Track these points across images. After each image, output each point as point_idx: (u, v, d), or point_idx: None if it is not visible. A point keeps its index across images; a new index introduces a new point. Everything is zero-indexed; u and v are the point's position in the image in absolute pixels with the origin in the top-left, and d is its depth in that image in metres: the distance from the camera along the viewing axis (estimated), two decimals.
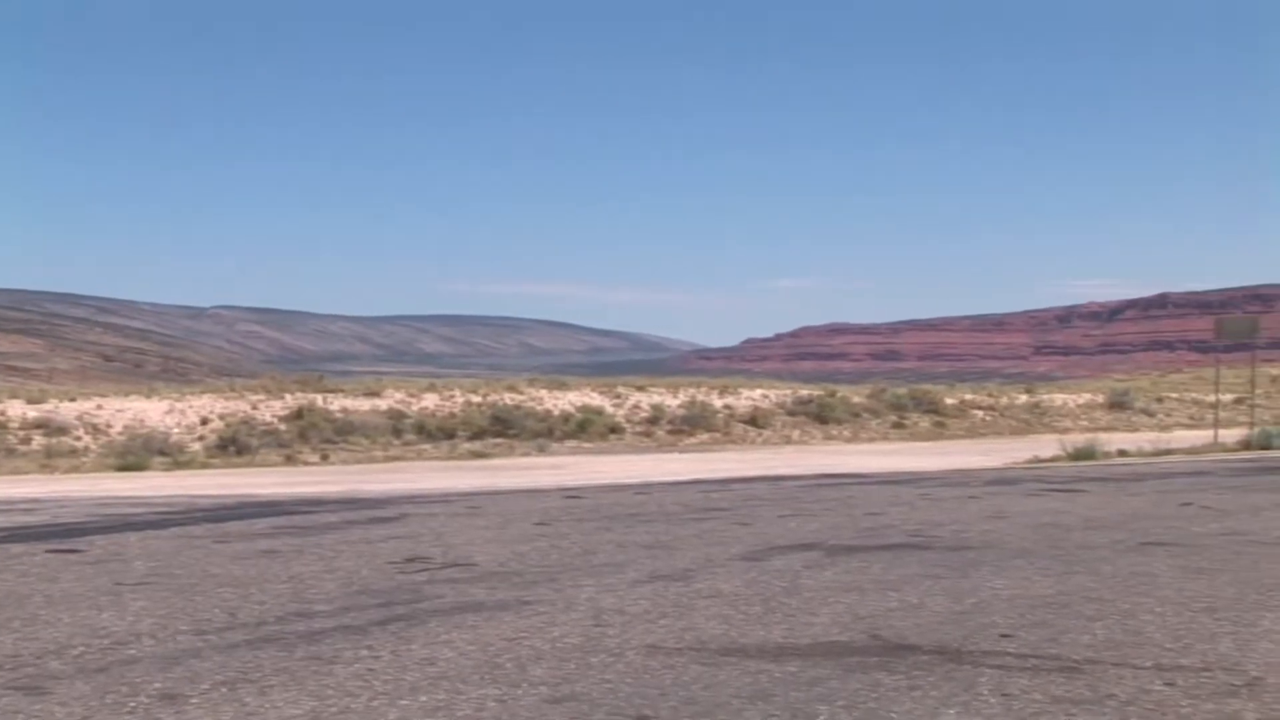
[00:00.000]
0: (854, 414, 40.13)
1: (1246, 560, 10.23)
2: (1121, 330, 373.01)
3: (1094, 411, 46.18)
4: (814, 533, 12.21)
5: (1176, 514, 14.02)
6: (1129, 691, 5.85)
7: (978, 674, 6.20)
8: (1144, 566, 9.87)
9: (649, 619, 7.69)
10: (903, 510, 14.48)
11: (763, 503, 15.53)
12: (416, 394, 36.99)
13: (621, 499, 16.37)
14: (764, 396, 41.10)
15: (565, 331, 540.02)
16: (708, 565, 10.02)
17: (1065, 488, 17.80)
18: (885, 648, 6.82)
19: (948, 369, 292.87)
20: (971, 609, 8.01)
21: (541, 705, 5.67)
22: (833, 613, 7.88)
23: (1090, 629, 7.33)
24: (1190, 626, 7.41)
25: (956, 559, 10.30)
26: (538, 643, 7.00)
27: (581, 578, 9.38)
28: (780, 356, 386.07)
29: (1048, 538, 11.74)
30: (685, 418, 36.46)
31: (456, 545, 11.41)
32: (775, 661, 6.50)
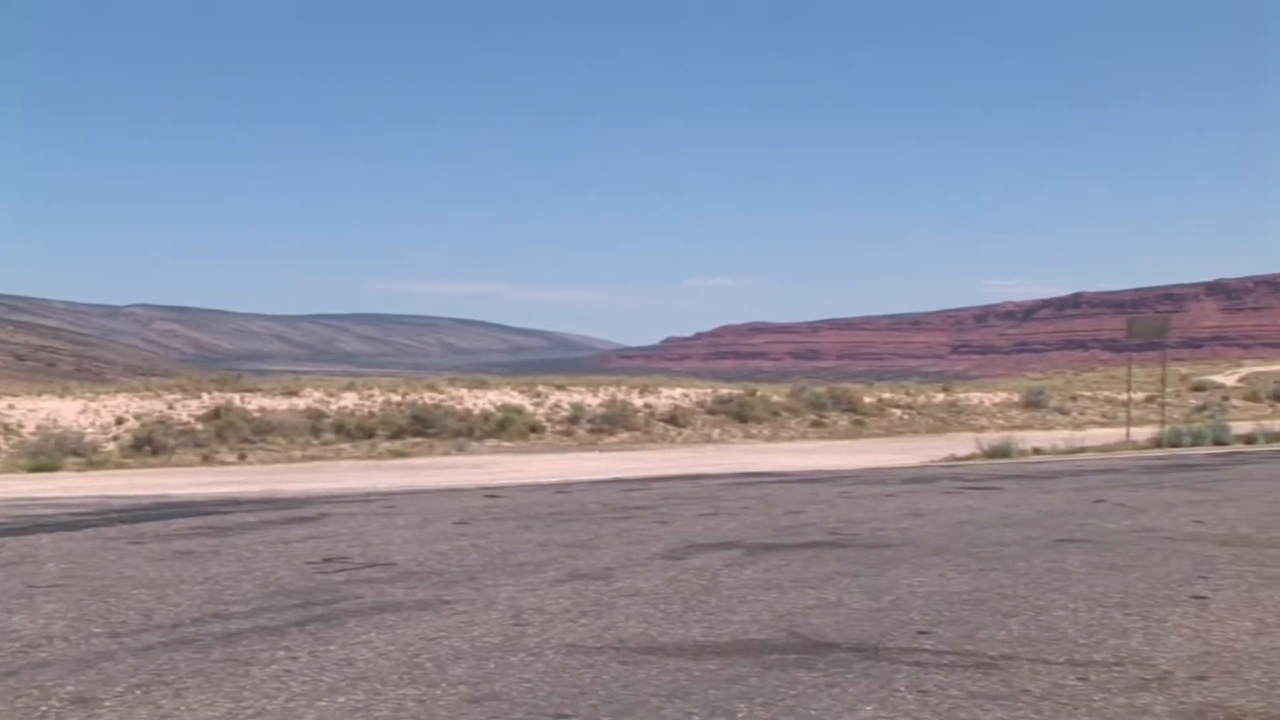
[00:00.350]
0: (774, 413, 40.30)
1: (1157, 556, 10.39)
2: (1037, 329, 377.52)
3: (1010, 410, 46.67)
4: (733, 531, 12.25)
5: (1090, 511, 14.20)
6: (1043, 686, 5.93)
7: (895, 670, 6.25)
8: (1058, 563, 9.99)
9: (569, 618, 7.68)
10: (821, 508, 14.57)
11: (683, 501, 15.56)
12: (335, 393, 36.71)
13: (542, 498, 16.35)
14: (684, 395, 41.18)
15: (485, 330, 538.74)
16: (628, 564, 10.02)
17: (981, 485, 17.98)
18: (804, 645, 6.86)
19: (866, 368, 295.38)
20: (889, 606, 8.07)
21: (461, 705, 5.65)
22: (752, 611, 7.91)
23: (1005, 625, 7.42)
24: (1102, 622, 7.51)
25: (874, 557, 10.38)
26: (457, 642, 6.97)
27: (501, 577, 9.36)
28: (700, 355, 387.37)
29: (964, 535, 11.85)
30: (605, 417, 36.46)
31: (375, 545, 11.34)
32: (694, 660, 6.52)
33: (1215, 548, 10.96)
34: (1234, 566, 9.83)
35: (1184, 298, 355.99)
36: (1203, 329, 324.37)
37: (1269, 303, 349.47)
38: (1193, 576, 9.32)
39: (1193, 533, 12.08)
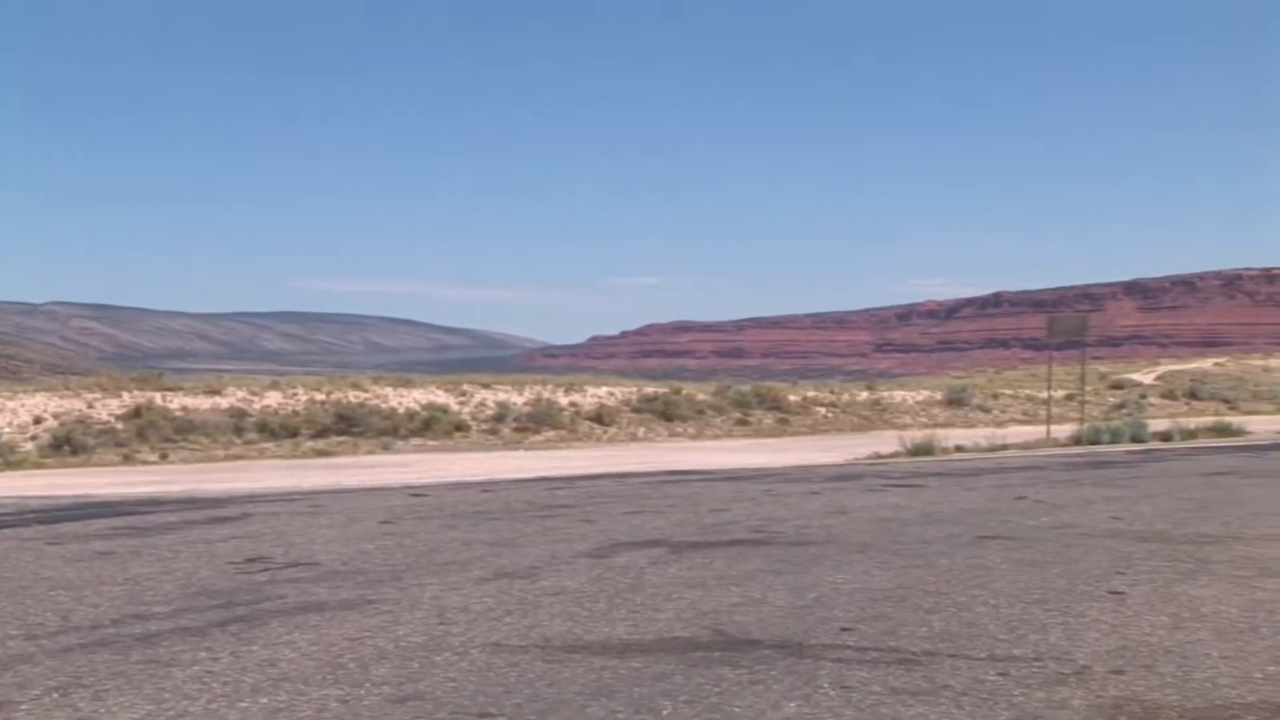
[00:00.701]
0: (699, 411, 40.36)
1: (1076, 552, 10.53)
2: (959, 328, 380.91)
3: (932, 408, 47.02)
4: (659, 529, 12.27)
5: (1011, 508, 14.35)
6: (964, 682, 5.99)
7: (818, 667, 6.29)
8: (980, 560, 10.10)
9: (493, 617, 7.68)
10: (746, 506, 14.63)
11: (608, 500, 15.57)
12: (259, 392, 36.34)
13: (467, 497, 16.30)
14: (610, 394, 41.16)
15: (410, 329, 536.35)
16: (553, 562, 10.02)
17: (905, 483, 18.12)
18: (728, 642, 6.89)
19: (791, 366, 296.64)
20: (813, 603, 8.12)
21: (385, 705, 5.63)
22: (676, 608, 7.94)
23: (928, 621, 7.49)
24: (1023, 618, 7.61)
25: (798, 554, 10.44)
26: (381, 642, 6.95)
27: (426, 576, 9.34)
28: (626, 354, 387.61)
29: (887, 532, 11.95)
30: (531, 415, 36.36)
31: (299, 544, 11.27)
32: (619, 658, 6.53)
33: (1132, 544, 11.12)
34: (1150, 562, 9.98)
35: (1102, 297, 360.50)
36: (1121, 328, 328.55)
37: (1185, 302, 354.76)
38: (1110, 572, 9.46)
39: (1111, 529, 12.25)
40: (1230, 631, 7.23)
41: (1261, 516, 13.40)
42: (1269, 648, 6.79)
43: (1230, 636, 7.08)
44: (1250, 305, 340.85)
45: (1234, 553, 10.57)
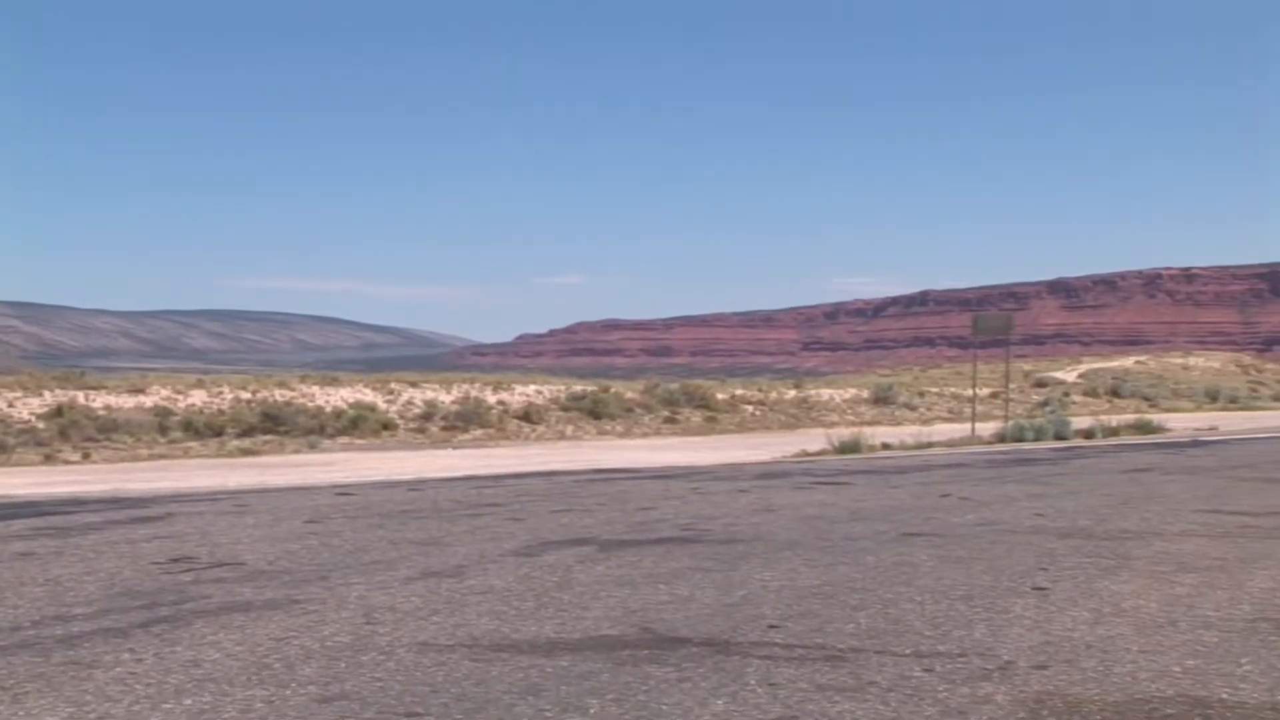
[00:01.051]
0: (627, 409, 40.40)
1: (1001, 549, 10.64)
2: (885, 327, 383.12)
3: (859, 406, 47.31)
4: (587, 528, 12.28)
5: (936, 505, 14.48)
6: (890, 678, 6.04)
7: (746, 664, 6.32)
8: (906, 557, 10.18)
9: (421, 616, 7.65)
10: (674, 504, 14.66)
11: (536, 498, 15.55)
12: (183, 390, 36.00)
13: (394, 496, 16.23)
14: (538, 392, 41.10)
15: (337, 327, 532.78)
16: (480, 561, 10.00)
17: (832, 481, 18.23)
18: (656, 640, 6.91)
19: (719, 364, 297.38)
20: (740, 601, 8.16)
21: (311, 705, 5.60)
22: (604, 607, 7.95)
23: (854, 618, 7.54)
24: (948, 614, 7.68)
25: (726, 552, 10.48)
26: (307, 642, 6.91)
27: (353, 575, 9.29)
28: (554, 352, 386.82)
29: (815, 530, 12.02)
30: (459, 414, 36.24)
31: (224, 544, 11.18)
32: (547, 656, 6.53)
33: (1055, 540, 11.26)
34: (1073, 558, 10.10)
35: (1027, 296, 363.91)
36: (1045, 326, 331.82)
37: (1106, 301, 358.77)
38: (1034, 569, 9.57)
39: (1034, 526, 12.39)
40: (1150, 626, 7.33)
41: (1180, 513, 13.60)
42: (1187, 642, 6.89)
43: (1150, 631, 7.18)
44: (1170, 304, 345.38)
45: (1154, 548, 10.73)
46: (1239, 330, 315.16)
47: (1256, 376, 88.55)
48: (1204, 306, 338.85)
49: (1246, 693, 5.80)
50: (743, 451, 28.09)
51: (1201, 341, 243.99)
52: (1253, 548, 10.82)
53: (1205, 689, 5.86)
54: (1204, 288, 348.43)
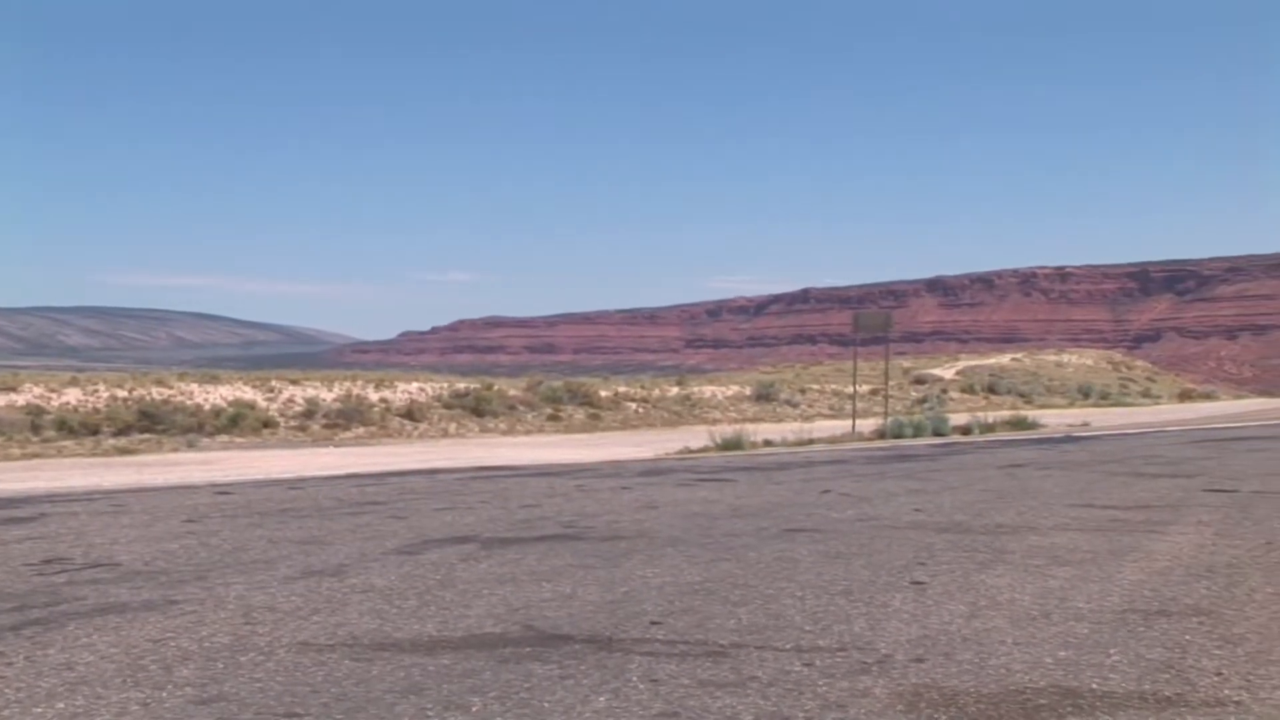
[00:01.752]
0: (510, 407, 40.29)
1: (880, 544, 10.78)
2: (767, 324, 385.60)
3: (742, 403, 47.62)
4: (470, 525, 12.24)
5: (817, 501, 14.63)
6: (770, 673, 6.10)
7: (628, 661, 6.35)
8: (787, 552, 10.28)
9: (301, 616, 7.58)
10: (558, 502, 14.66)
11: (419, 496, 15.46)
12: (57, 389, 35.26)
13: (274, 494, 16.04)
14: (420, 390, 40.85)
15: (216, 324, 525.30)
16: (362, 560, 9.93)
17: (714, 477, 18.34)
18: (538, 638, 6.91)
19: (603, 362, 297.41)
20: (623, 598, 8.19)
21: (188, 707, 5.53)
22: (487, 605, 7.93)
23: (735, 614, 7.60)
24: (828, 609, 7.77)
25: (609, 549, 10.50)
26: (185, 643, 6.82)
27: (232, 575, 9.18)
28: (437, 350, 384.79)
29: (697, 526, 12.08)
30: (341, 411, 35.91)
31: (99, 545, 10.98)
32: (429, 655, 6.51)
33: (933, 535, 11.43)
34: (950, 553, 10.27)
35: (906, 294, 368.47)
36: (923, 324, 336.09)
37: (983, 299, 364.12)
38: (912, 563, 9.71)
39: (913, 521, 12.56)
40: (1024, 618, 7.47)
41: (1054, 507, 13.87)
42: (1060, 633, 7.04)
43: (1024, 623, 7.32)
44: (1044, 302, 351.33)
45: (1028, 542, 10.93)
46: (1111, 328, 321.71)
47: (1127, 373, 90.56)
48: (1077, 305, 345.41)
49: (1115, 683, 5.94)
50: (626, 449, 28.15)
51: (1075, 339, 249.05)
52: (1122, 540, 11.07)
53: (1076, 680, 5.99)
54: (1077, 286, 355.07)
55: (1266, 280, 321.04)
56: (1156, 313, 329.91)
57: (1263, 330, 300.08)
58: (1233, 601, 8.11)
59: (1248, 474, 18.86)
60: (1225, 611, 7.75)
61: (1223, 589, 8.58)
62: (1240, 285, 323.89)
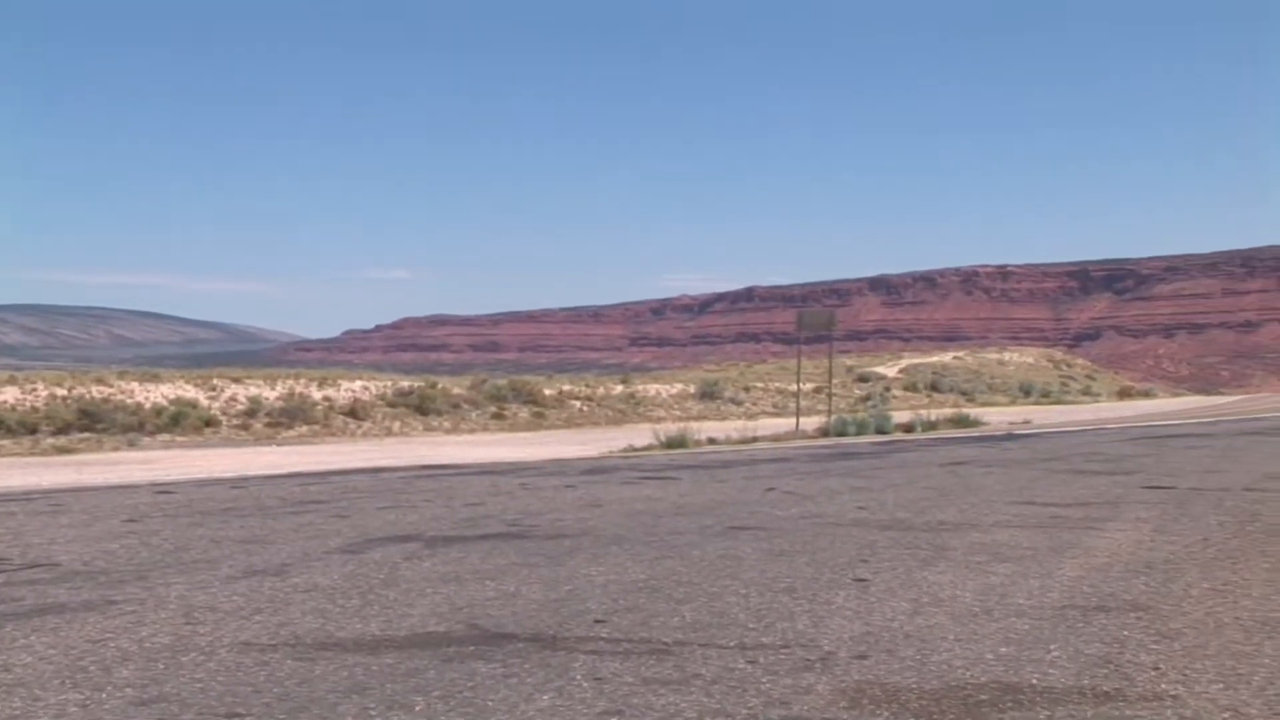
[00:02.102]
0: (454, 405, 40.22)
1: (824, 542, 10.82)
2: (712, 323, 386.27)
3: (686, 401, 47.74)
4: (413, 524, 12.20)
5: (761, 499, 14.68)
6: (714, 670, 6.11)
7: (572, 659, 6.35)
8: (731, 550, 10.31)
9: (243, 615, 7.54)
10: (502, 500, 14.64)
11: (362, 495, 15.40)
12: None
13: (216, 493, 15.94)
14: (364, 388, 40.71)
15: (157, 322, 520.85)
16: (305, 559, 9.88)
17: (658, 475, 18.36)
18: (482, 637, 6.90)
19: (547, 360, 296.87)
20: (567, 596, 8.18)
21: (128, 708, 5.48)
22: (431, 603, 7.91)
23: (679, 612, 7.61)
24: (771, 606, 7.79)
25: (553, 547, 10.50)
26: (125, 643, 6.76)
27: (173, 575, 9.11)
28: (381, 348, 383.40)
29: (641, 525, 12.10)
30: (284, 410, 35.76)
31: (37, 545, 10.87)
32: (372, 654, 6.48)
33: (876, 532, 11.49)
34: (893, 550, 10.32)
35: (849, 293, 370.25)
36: (867, 323, 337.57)
37: (926, 298, 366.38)
38: (855, 560, 9.75)
39: (856, 518, 12.63)
40: (965, 615, 7.53)
41: (995, 504, 13.98)
42: (1000, 630, 7.09)
43: (965, 620, 7.38)
44: (986, 301, 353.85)
45: (970, 539, 11.01)
46: (1051, 326, 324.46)
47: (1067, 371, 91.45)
48: (1018, 303, 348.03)
49: (1055, 678, 5.99)
50: (570, 447, 28.15)
51: (1016, 337, 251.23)
52: (1062, 537, 11.17)
53: (1016, 675, 6.04)
54: (1018, 285, 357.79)
55: (1203, 280, 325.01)
56: (1096, 311, 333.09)
57: (1199, 329, 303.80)
58: (1170, 597, 8.20)
59: (1185, 471, 19.07)
60: (1162, 607, 7.84)
61: (1160, 585, 8.68)
62: (1177, 284, 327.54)
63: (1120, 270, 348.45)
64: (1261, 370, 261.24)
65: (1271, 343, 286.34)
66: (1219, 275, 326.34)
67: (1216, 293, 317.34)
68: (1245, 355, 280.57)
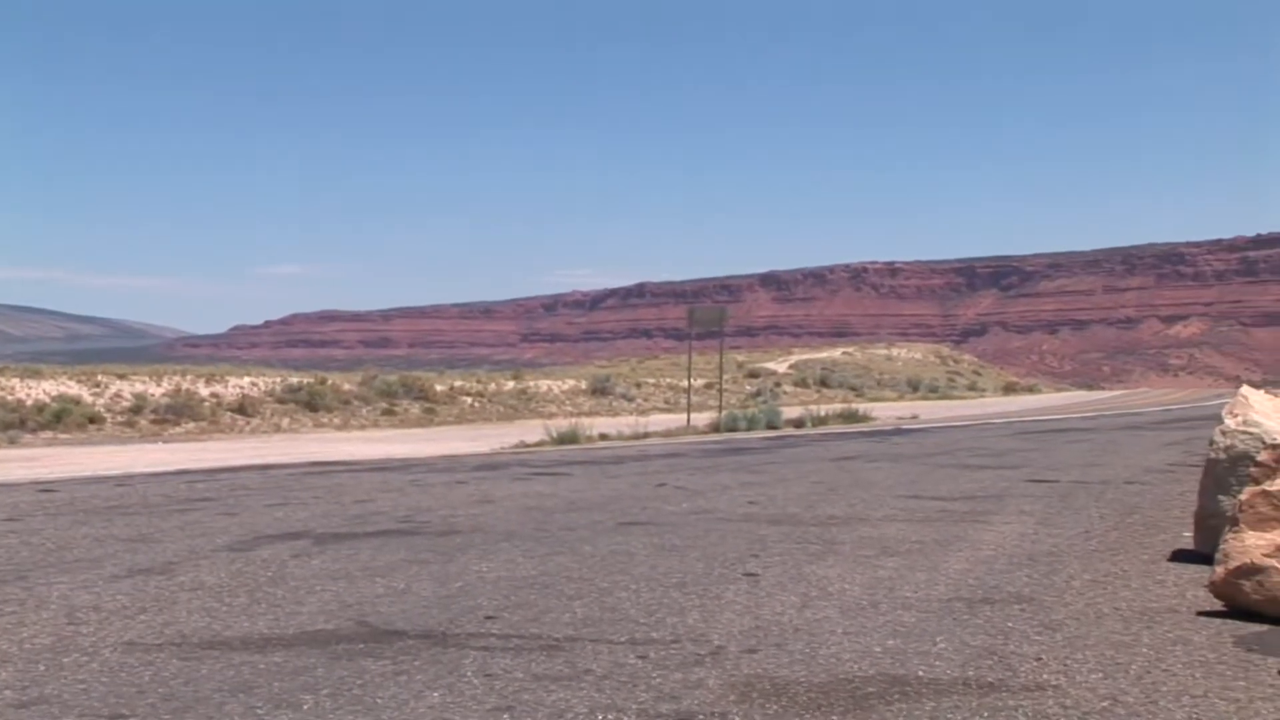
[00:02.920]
0: (345, 401, 39.87)
1: (714, 537, 10.88)
2: (604, 318, 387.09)
3: (578, 397, 47.75)
4: (302, 521, 12.09)
5: (653, 495, 14.72)
6: (605, 666, 6.13)
7: (462, 656, 6.33)
8: (622, 546, 10.33)
9: (127, 615, 7.42)
10: (392, 497, 14.55)
11: (250, 492, 15.22)
12: None
13: (100, 491, 15.65)
14: (253, 384, 40.23)
15: (40, 317, 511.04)
16: (191, 557, 9.75)
17: (550, 472, 18.35)
18: (372, 634, 6.86)
19: (439, 356, 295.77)
20: (457, 592, 8.16)
21: (7, 710, 5.38)
22: (320, 601, 7.85)
23: (570, 608, 7.62)
24: (662, 601, 7.82)
25: (444, 544, 10.45)
26: (4, 645, 6.63)
27: (55, 575, 8.94)
28: (270, 344, 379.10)
29: (533, 521, 12.08)
30: (170, 407, 35.21)
31: None
32: (260, 653, 6.42)
33: (766, 527, 11.58)
34: (783, 544, 10.41)
35: (740, 289, 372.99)
36: (757, 319, 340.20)
37: (816, 294, 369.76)
38: (746, 555, 9.82)
39: (747, 513, 12.71)
40: (854, 608, 7.61)
41: (883, 498, 14.15)
42: (888, 623, 7.18)
43: (854, 613, 7.46)
44: (875, 297, 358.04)
45: (859, 533, 11.14)
46: (939, 322, 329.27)
47: (954, 367, 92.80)
48: (906, 300, 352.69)
49: (941, 669, 6.08)
50: (462, 443, 28.04)
51: (904, 333, 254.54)
52: (949, 531, 11.34)
53: (904, 668, 6.12)
54: (906, 282, 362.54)
55: (1085, 277, 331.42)
56: (982, 308, 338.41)
57: (1082, 325, 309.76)
58: (1052, 589, 8.36)
59: (1068, 464, 19.44)
60: (1045, 598, 7.98)
61: (1043, 577, 8.84)
62: (1061, 281, 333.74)
63: (1005, 267, 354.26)
64: (1140, 366, 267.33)
65: (1150, 339, 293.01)
66: (1100, 273, 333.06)
67: (1098, 290, 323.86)
68: (1125, 351, 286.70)
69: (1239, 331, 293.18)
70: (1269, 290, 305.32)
